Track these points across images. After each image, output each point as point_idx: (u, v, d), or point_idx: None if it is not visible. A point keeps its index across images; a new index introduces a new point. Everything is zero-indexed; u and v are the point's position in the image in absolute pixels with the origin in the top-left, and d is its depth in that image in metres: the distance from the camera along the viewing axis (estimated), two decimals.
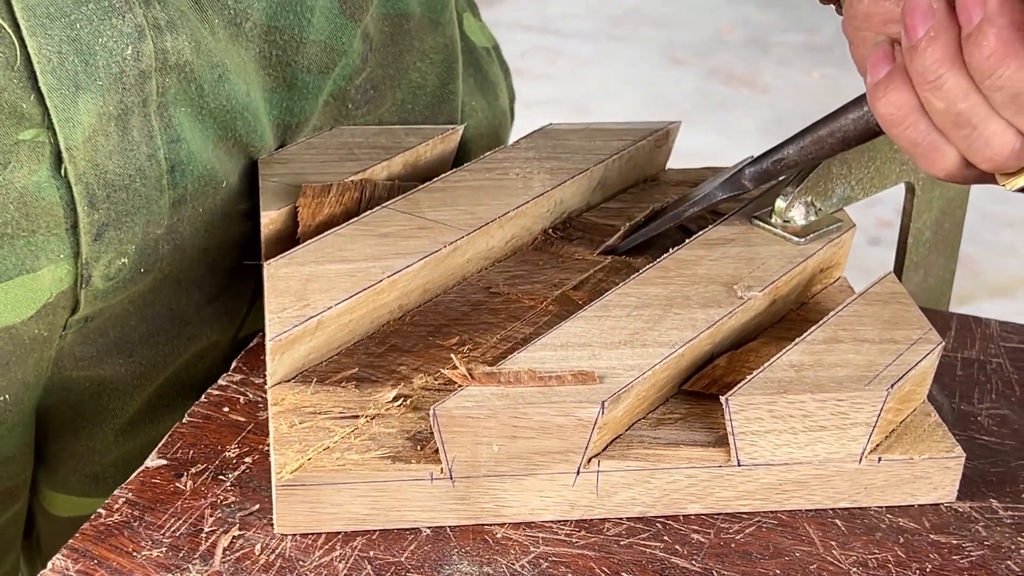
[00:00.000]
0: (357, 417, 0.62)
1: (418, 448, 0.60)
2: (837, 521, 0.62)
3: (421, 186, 0.74)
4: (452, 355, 0.65)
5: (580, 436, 0.59)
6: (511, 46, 0.85)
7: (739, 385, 0.61)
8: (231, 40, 0.68)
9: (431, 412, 0.58)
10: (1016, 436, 0.68)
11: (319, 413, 0.62)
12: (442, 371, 0.64)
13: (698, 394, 0.65)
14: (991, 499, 0.64)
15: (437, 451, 0.60)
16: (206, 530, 0.61)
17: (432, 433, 0.61)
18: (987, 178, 0.58)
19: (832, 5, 0.68)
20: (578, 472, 0.60)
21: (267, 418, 0.66)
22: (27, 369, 0.69)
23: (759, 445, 0.61)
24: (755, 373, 0.61)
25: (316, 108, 0.75)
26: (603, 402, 0.59)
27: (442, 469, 0.60)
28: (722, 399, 0.60)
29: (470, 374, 0.60)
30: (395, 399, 0.63)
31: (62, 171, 0.63)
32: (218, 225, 0.72)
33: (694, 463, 0.61)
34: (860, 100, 0.64)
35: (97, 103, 0.63)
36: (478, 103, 0.87)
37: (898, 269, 0.76)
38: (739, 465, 0.61)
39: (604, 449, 0.61)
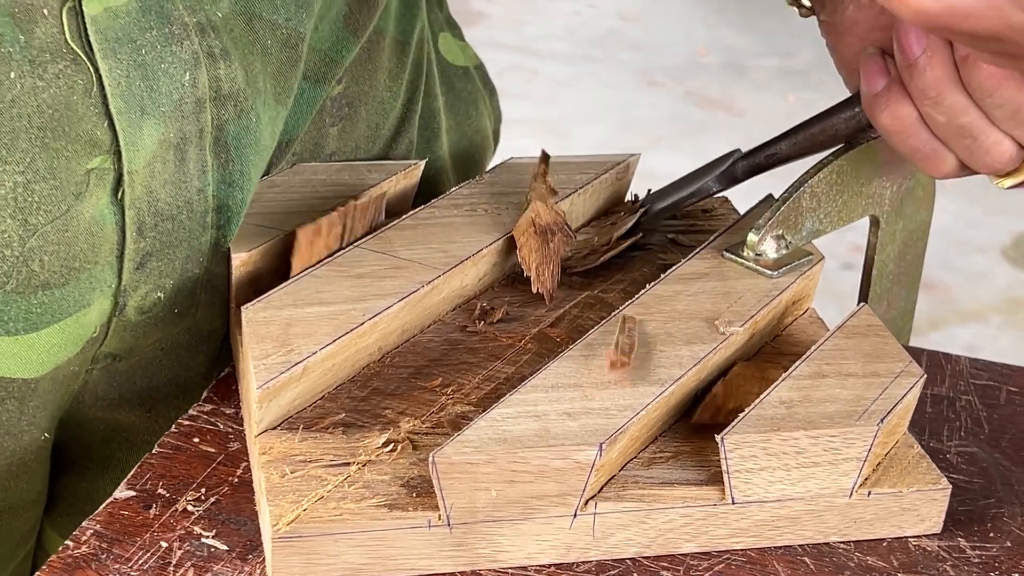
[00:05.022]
0: (349, 464, 0.61)
1: (413, 495, 0.60)
2: (806, 559, 0.63)
3: (391, 224, 0.73)
4: (436, 396, 0.64)
5: (578, 479, 0.59)
6: (487, 65, 0.85)
7: (733, 424, 0.61)
8: (288, 63, 0.68)
9: (430, 459, 0.57)
10: (984, 474, 0.69)
11: (310, 461, 0.61)
12: (606, 370, 0.63)
13: (686, 431, 0.65)
14: (959, 538, 0.64)
15: (433, 497, 0.59)
16: (174, 563, 0.59)
17: (426, 478, 0.60)
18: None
19: (813, 16, 0.69)
20: (575, 515, 0.60)
21: (238, 449, 0.65)
22: (57, 405, 0.68)
23: (753, 483, 0.61)
24: (747, 411, 0.61)
25: (307, 123, 0.74)
26: (600, 444, 0.59)
27: (440, 516, 0.59)
28: (717, 438, 0.60)
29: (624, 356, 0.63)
30: (385, 444, 0.62)
31: (119, 195, 0.63)
32: None
33: (689, 502, 0.61)
34: (851, 101, 0.68)
35: (160, 129, 0.62)
36: (447, 123, 0.86)
37: (863, 301, 0.77)
38: (733, 503, 0.61)
39: (600, 491, 0.61)
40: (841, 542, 0.63)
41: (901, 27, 0.58)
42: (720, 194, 0.79)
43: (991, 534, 0.65)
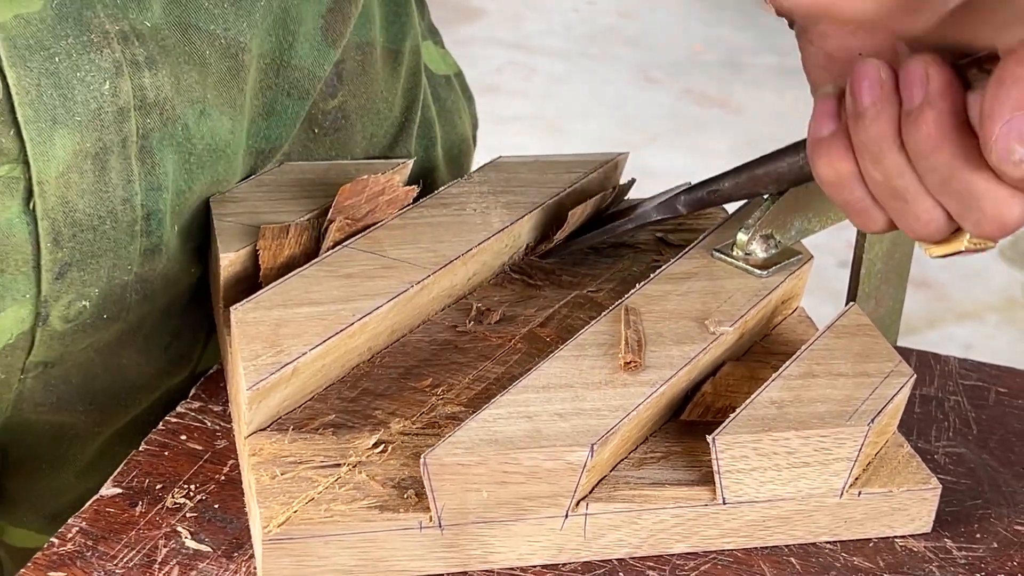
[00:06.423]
0: (339, 465, 0.61)
1: (404, 496, 0.59)
2: (792, 559, 0.63)
3: (380, 223, 0.73)
4: (427, 396, 0.64)
5: (569, 480, 0.59)
6: (486, 62, 0.84)
7: (724, 424, 0.61)
8: (229, 73, 0.67)
9: (422, 461, 0.57)
10: (972, 475, 0.69)
11: (300, 463, 0.61)
12: (618, 370, 0.63)
13: (676, 431, 0.65)
14: (945, 539, 0.64)
15: (424, 498, 0.59)
16: (159, 560, 0.59)
17: (417, 480, 0.60)
18: None
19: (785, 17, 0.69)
20: (566, 516, 0.60)
21: (225, 447, 0.65)
22: None
23: (744, 483, 0.61)
24: (738, 411, 0.61)
25: (292, 133, 0.73)
26: (592, 445, 0.59)
27: (431, 517, 0.59)
28: (709, 438, 0.60)
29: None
30: (375, 445, 0.62)
31: (31, 206, 0.62)
32: (184, 272, 0.70)
33: (680, 503, 0.61)
34: (798, 146, 0.66)
35: (74, 139, 0.61)
36: (435, 131, 0.86)
37: (851, 300, 0.77)
38: (724, 503, 0.61)
39: (591, 492, 0.61)
40: (828, 542, 0.63)
41: (857, 72, 0.56)
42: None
43: (977, 535, 0.65)
